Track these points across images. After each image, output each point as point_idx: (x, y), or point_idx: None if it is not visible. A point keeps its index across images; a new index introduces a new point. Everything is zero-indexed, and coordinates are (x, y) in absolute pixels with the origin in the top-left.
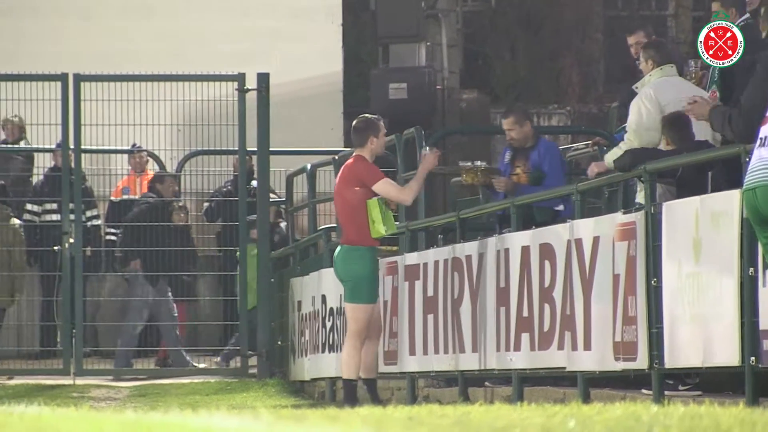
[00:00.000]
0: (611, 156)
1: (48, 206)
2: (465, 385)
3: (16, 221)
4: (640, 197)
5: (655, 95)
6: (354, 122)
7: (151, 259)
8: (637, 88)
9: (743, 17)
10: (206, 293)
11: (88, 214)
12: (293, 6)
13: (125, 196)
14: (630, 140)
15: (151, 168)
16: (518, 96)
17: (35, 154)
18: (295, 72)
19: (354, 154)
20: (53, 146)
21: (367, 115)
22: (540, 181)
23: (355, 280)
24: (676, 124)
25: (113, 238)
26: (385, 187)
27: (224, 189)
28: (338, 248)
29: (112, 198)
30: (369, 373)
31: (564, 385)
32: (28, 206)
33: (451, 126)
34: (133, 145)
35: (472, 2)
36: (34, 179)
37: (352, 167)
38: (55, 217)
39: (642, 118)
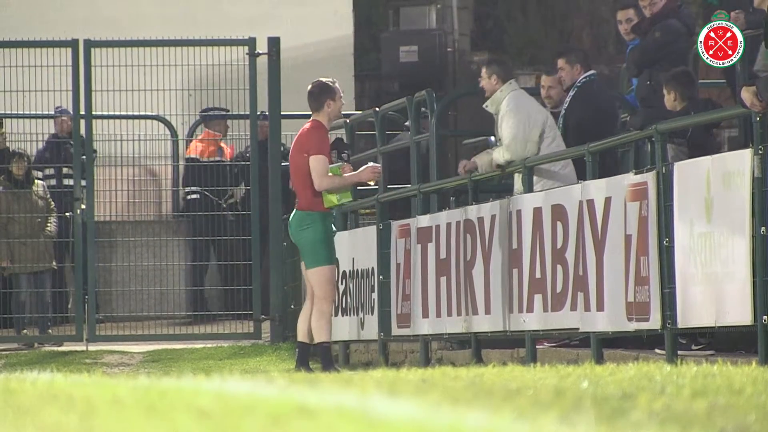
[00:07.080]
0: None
1: (47, 171)
2: (478, 347)
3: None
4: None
5: (522, 107)
6: (309, 87)
7: None
8: (487, 107)
9: (587, 73)
10: (219, 258)
11: None
12: None
13: None
14: (509, 150)
15: (163, 133)
16: (530, 58)
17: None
18: (306, 35)
19: (311, 119)
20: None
21: (321, 79)
22: None
23: (310, 245)
24: (681, 79)
25: None
26: (314, 163)
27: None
28: (293, 213)
29: None
30: (304, 337)
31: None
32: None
33: (462, 88)
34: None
35: None
36: (37, 146)
37: (304, 134)
38: (54, 182)
39: (517, 132)
